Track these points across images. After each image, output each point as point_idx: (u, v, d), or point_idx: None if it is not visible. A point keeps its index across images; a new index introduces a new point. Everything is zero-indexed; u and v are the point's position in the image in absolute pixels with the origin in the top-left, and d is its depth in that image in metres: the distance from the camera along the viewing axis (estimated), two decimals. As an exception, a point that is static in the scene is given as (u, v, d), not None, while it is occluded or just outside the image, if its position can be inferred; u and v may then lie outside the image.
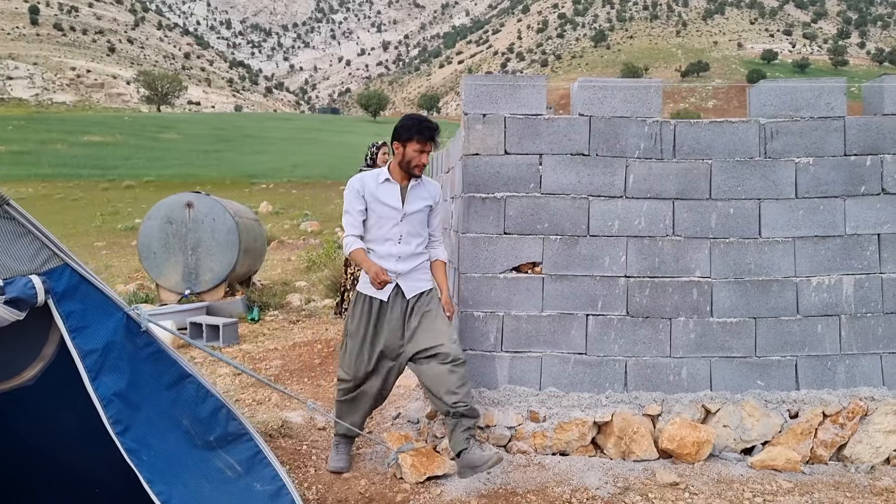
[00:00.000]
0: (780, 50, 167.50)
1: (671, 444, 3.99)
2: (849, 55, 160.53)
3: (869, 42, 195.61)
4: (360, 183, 3.81)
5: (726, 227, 4.31)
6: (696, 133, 4.31)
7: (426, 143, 3.71)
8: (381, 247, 3.79)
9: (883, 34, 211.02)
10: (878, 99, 4.36)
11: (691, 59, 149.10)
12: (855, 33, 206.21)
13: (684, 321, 4.29)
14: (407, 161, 3.74)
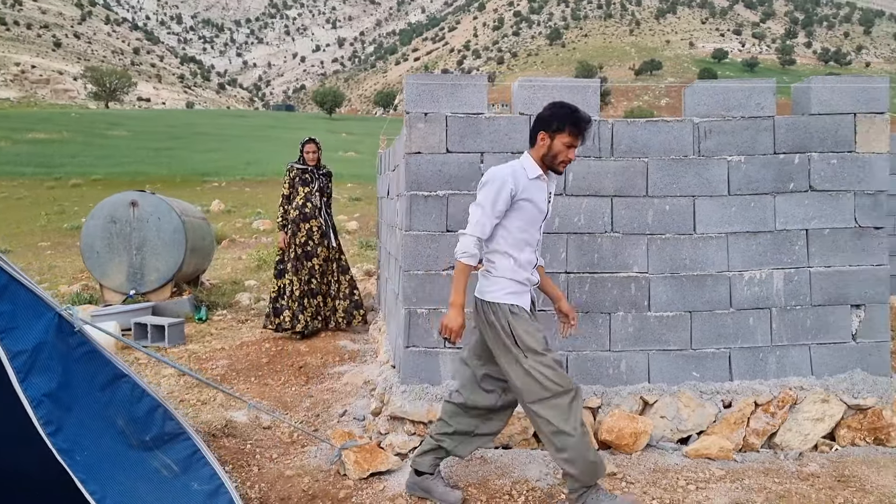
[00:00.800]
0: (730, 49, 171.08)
1: (610, 435, 4.09)
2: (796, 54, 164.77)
3: (815, 42, 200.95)
4: (512, 176, 3.22)
5: (663, 223, 4.43)
6: (633, 132, 4.42)
7: (577, 137, 3.22)
8: (521, 254, 3.29)
9: (828, 34, 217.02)
10: (806, 99, 4.53)
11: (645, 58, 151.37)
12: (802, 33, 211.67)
13: (623, 315, 4.40)
14: (553, 155, 3.25)
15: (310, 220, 6.98)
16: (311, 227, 6.98)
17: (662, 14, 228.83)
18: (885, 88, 4.53)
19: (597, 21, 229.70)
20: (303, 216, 6.97)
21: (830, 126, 4.49)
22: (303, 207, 6.98)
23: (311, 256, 6.98)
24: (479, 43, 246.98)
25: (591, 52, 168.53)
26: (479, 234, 3.20)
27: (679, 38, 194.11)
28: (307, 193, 7.04)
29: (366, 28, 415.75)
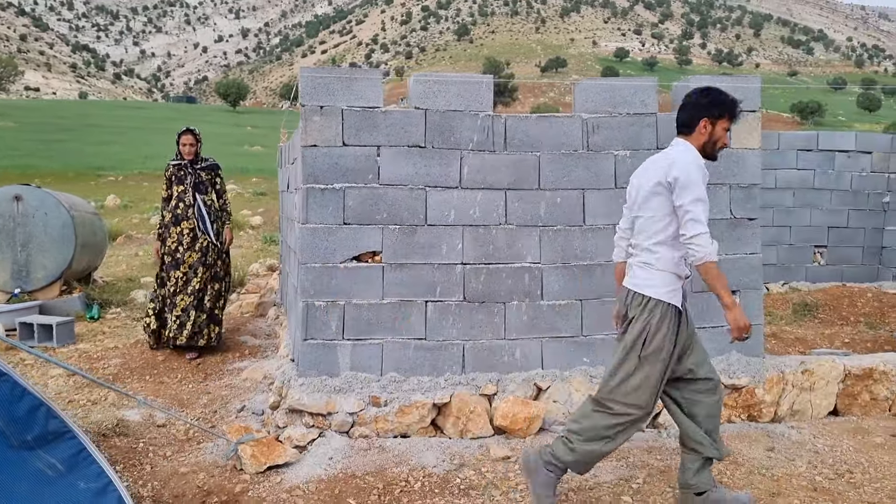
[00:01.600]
0: (631, 48, 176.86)
1: (505, 420, 4.23)
2: (692, 55, 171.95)
3: (710, 43, 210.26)
4: (700, 166, 3.14)
5: (554, 215, 4.60)
6: (525, 127, 4.56)
7: (731, 121, 3.23)
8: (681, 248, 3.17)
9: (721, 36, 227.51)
10: (686, 97, 4.78)
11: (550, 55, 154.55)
12: (697, 34, 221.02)
13: (517, 305, 4.54)
14: (714, 141, 3.21)
15: (181, 223, 6.06)
16: (181, 231, 6.04)
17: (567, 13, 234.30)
18: (757, 88, 4.84)
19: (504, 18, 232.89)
20: (174, 219, 6.08)
21: (708, 123, 4.76)
22: (175, 209, 6.10)
23: (179, 264, 6.02)
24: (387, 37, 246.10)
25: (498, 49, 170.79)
26: (707, 229, 3.04)
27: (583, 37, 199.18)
28: (180, 192, 6.13)
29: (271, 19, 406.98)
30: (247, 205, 19.97)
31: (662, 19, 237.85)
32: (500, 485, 3.61)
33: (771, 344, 6.19)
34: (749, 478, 3.73)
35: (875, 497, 3.50)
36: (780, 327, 7.13)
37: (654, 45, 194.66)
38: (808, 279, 9.61)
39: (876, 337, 6.70)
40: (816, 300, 8.11)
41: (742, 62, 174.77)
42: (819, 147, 9.61)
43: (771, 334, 6.63)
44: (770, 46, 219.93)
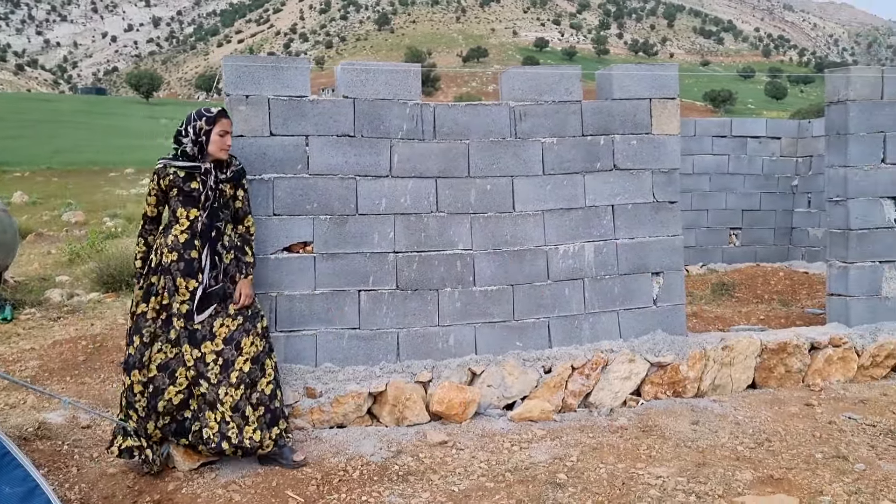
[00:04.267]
0: (550, 38, 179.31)
1: (441, 406, 4.27)
2: (610, 45, 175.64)
3: (626, 33, 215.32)
4: None
5: (484, 202, 4.65)
6: (454, 115, 4.60)
7: None
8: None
9: (637, 26, 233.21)
10: (608, 85, 4.91)
11: (471, 45, 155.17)
12: (614, 25, 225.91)
13: (450, 291, 4.58)
14: None
15: (186, 276, 3.68)
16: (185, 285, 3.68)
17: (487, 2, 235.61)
18: (675, 76, 5.01)
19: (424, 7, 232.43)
20: (180, 264, 3.67)
21: (630, 110, 4.91)
22: (178, 246, 3.67)
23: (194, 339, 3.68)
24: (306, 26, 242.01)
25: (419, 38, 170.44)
26: None
27: (503, 27, 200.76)
28: (192, 220, 3.71)
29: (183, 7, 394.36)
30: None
31: (580, 9, 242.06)
32: (438, 469, 3.65)
33: (692, 323, 6.43)
34: (676, 450, 3.88)
35: (792, 462, 3.70)
36: (700, 307, 7.41)
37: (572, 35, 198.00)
38: (724, 260, 10.01)
39: (789, 313, 7.05)
40: (733, 280, 8.47)
41: (657, 52, 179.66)
42: (732, 133, 10.01)
43: (692, 313, 6.89)
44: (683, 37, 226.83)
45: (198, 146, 3.74)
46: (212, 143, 3.74)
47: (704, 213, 9.95)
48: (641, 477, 3.55)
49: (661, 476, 3.54)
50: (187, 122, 3.76)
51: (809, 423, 4.26)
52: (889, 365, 5.19)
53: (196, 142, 3.74)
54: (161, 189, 3.75)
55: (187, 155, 3.73)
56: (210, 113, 3.79)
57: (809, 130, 10.09)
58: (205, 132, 3.74)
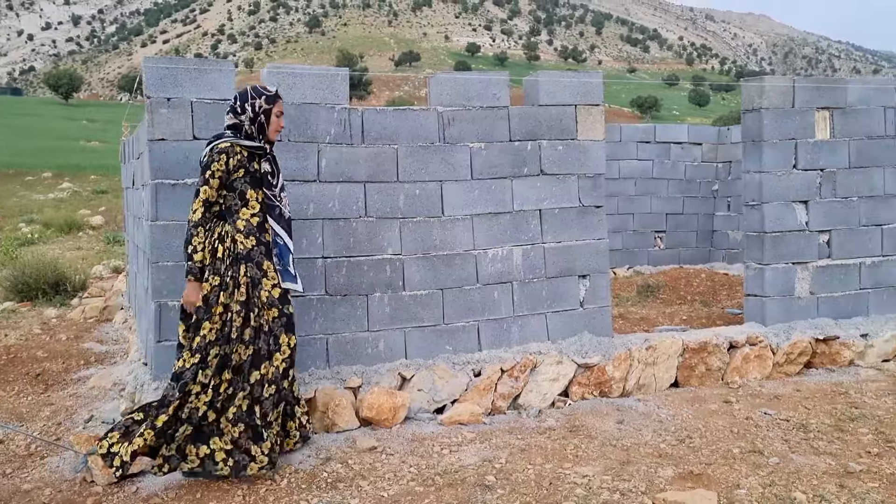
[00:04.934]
0: (482, 44, 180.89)
1: (370, 412, 4.25)
2: (540, 51, 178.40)
3: (556, 40, 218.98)
4: None
5: (414, 207, 4.66)
6: (382, 119, 4.59)
7: None
8: None
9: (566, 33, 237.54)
10: (535, 92, 4.99)
11: (404, 49, 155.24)
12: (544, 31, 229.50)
13: (380, 297, 4.57)
14: None
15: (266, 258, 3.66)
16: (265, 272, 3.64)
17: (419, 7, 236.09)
18: (599, 83, 5.13)
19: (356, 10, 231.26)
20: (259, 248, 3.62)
21: (556, 116, 5.00)
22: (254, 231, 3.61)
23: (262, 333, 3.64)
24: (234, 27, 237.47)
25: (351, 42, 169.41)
26: None
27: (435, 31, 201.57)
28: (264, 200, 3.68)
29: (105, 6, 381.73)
30: (86, 204, 18.71)
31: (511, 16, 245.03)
32: (367, 475, 3.63)
33: (619, 324, 6.58)
34: (602, 449, 3.96)
35: (711, 458, 3.83)
36: (626, 308, 7.60)
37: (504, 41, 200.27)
38: (650, 263, 10.29)
39: (710, 313, 7.29)
40: (658, 282, 8.71)
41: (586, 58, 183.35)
42: (656, 139, 10.30)
43: (618, 315, 7.06)
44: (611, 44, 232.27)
45: (257, 125, 3.63)
46: (271, 123, 3.67)
47: (630, 216, 10.21)
48: (568, 476, 3.61)
49: (587, 475, 3.61)
50: (243, 99, 3.62)
51: (728, 420, 4.42)
52: (801, 362, 5.42)
53: (255, 120, 3.62)
54: (227, 170, 3.54)
55: (247, 134, 3.61)
56: (269, 91, 3.69)
57: (728, 137, 10.48)
58: (264, 111, 3.64)
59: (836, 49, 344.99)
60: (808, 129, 5.70)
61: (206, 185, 3.52)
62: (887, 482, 3.52)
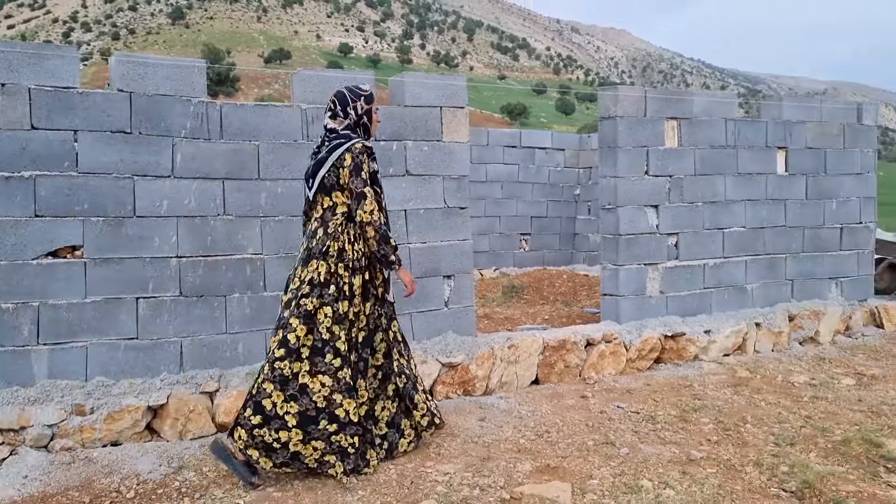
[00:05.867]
0: (355, 45, 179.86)
1: (228, 417, 4.09)
2: (413, 54, 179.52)
3: (428, 44, 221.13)
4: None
5: (276, 205, 4.54)
6: (242, 115, 4.45)
7: None
8: None
9: (439, 38, 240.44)
10: (401, 93, 5.00)
11: (274, 47, 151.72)
12: (417, 35, 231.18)
13: (239, 297, 4.42)
14: None
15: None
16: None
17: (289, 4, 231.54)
18: (463, 86, 5.21)
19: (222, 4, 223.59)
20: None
21: (422, 117, 5.02)
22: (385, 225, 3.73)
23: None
24: (89, 15, 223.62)
25: (217, 36, 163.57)
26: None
27: (307, 30, 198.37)
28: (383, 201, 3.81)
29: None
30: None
31: (384, 18, 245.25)
32: (222, 483, 3.49)
33: (484, 324, 6.71)
34: (464, 447, 4.01)
35: (567, 451, 3.96)
36: (492, 309, 7.76)
37: (377, 43, 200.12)
38: (515, 264, 10.58)
39: (570, 312, 7.57)
40: (522, 283, 8.95)
41: (458, 64, 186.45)
42: (522, 144, 10.61)
43: (484, 315, 7.19)
44: (482, 51, 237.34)
45: (361, 127, 3.72)
46: (372, 122, 3.77)
47: (497, 219, 10.45)
48: (430, 475, 3.63)
49: (448, 472, 3.64)
50: (343, 103, 3.68)
51: (584, 414, 4.59)
52: (652, 357, 5.73)
53: (359, 123, 3.70)
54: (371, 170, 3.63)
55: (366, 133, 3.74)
56: (366, 91, 3.75)
57: (589, 143, 10.94)
58: (366, 112, 3.73)
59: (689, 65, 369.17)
60: (659, 137, 6.03)
61: (366, 185, 3.57)
62: (724, 467, 3.77)
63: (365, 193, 3.55)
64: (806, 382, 5.34)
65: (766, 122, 6.58)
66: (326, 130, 3.71)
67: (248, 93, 74.99)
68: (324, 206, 3.64)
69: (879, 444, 4.03)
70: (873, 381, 5.42)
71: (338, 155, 3.56)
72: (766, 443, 4.11)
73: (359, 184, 3.55)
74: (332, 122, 3.69)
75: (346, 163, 3.55)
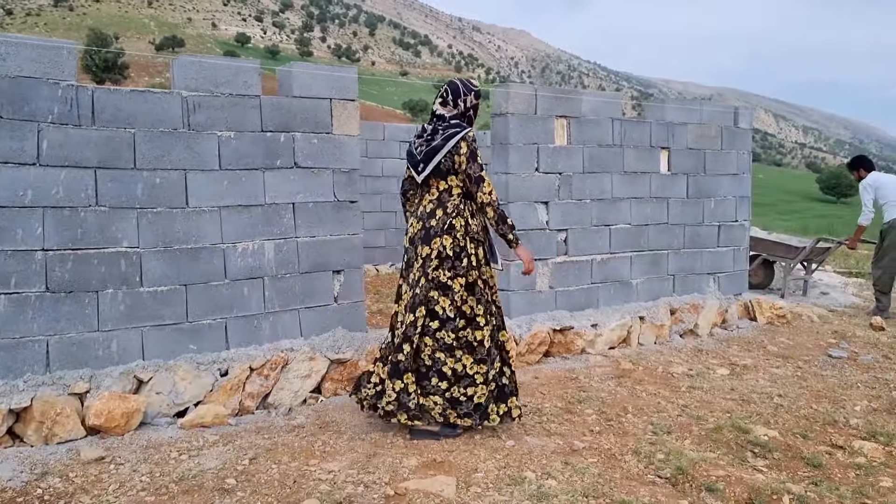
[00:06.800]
0: (252, 35, 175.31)
1: (99, 419, 3.88)
2: (314, 47, 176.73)
3: (329, 37, 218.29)
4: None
5: (154, 196, 4.34)
6: (117, 100, 4.22)
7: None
8: None
9: (340, 32, 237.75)
10: (289, 83, 4.87)
11: (166, 33, 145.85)
12: (317, 28, 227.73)
13: (113, 293, 4.20)
14: None
15: None
16: None
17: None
18: (354, 78, 5.13)
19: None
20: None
21: (311, 109, 4.92)
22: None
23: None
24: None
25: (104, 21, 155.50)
26: None
27: (202, 18, 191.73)
28: None
29: None
30: None
31: (283, 8, 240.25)
32: (90, 489, 3.30)
33: (378, 319, 6.66)
34: (350, 444, 3.95)
35: (454, 445, 3.94)
36: (386, 304, 7.70)
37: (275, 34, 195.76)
38: (411, 259, 10.54)
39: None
40: (417, 278, 8.93)
41: (360, 58, 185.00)
42: (418, 139, 10.58)
43: (378, 311, 7.14)
44: (384, 46, 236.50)
45: (467, 118, 4.09)
46: (477, 116, 4.14)
47: (394, 214, 10.40)
48: (314, 473, 3.55)
49: (332, 470, 3.58)
50: (455, 94, 4.04)
51: (472, 408, 4.62)
52: (541, 351, 5.84)
53: (465, 114, 4.08)
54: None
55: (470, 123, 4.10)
56: (476, 87, 4.14)
57: (485, 140, 11.04)
58: (473, 105, 4.11)
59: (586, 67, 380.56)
60: (549, 135, 6.15)
61: (482, 170, 3.95)
62: (605, 456, 3.87)
63: (483, 177, 3.94)
64: (684, 373, 5.57)
65: (650, 122, 6.83)
66: (435, 116, 4.07)
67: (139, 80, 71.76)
68: (440, 189, 4.00)
69: (747, 431, 4.25)
70: (745, 370, 5.72)
71: (454, 143, 3.91)
72: (645, 431, 4.26)
73: (476, 168, 3.93)
74: (442, 109, 4.06)
75: (462, 150, 3.91)
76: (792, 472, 3.77)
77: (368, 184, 10.06)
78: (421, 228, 3.99)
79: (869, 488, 3.58)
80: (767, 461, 3.89)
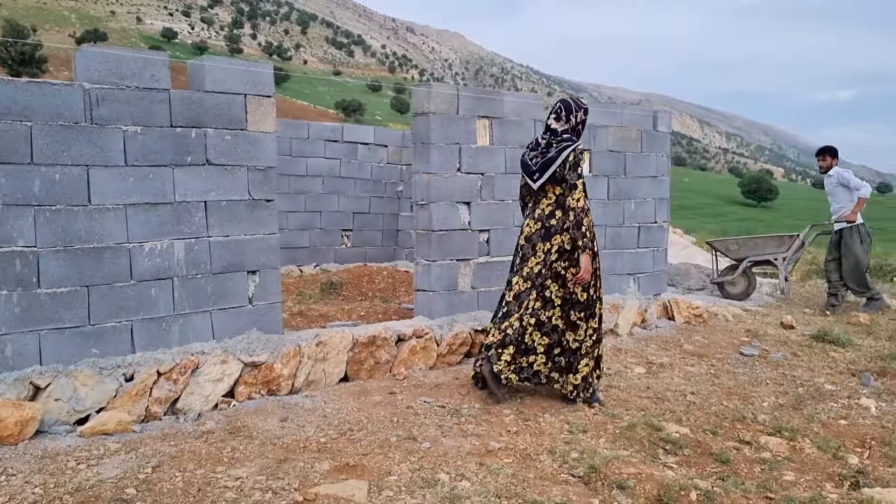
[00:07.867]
0: (180, 30, 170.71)
1: (-10, 429, 3.66)
2: (244, 44, 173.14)
3: (260, 35, 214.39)
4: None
5: (52, 193, 4.12)
6: (11, 92, 3.99)
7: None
8: None
9: (271, 29, 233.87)
10: (200, 77, 4.71)
11: (87, 27, 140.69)
12: (248, 24, 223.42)
13: (7, 295, 3.97)
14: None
15: None
16: None
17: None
18: (270, 74, 5.00)
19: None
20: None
21: (224, 104, 4.77)
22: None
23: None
24: None
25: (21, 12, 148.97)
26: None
27: (125, 11, 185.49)
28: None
29: None
30: None
31: (212, 4, 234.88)
32: (-25, 504, 3.11)
33: (298, 321, 6.53)
34: (261, 449, 3.84)
35: (368, 448, 3.90)
36: (308, 305, 7.57)
37: (204, 30, 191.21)
38: (336, 261, 10.42)
39: (387, 308, 7.55)
40: (342, 279, 8.83)
41: (291, 57, 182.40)
42: (344, 138, 10.46)
43: (299, 312, 7.00)
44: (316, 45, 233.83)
45: (576, 132, 4.69)
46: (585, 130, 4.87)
47: (318, 214, 10.24)
48: (220, 480, 3.43)
49: (240, 477, 3.46)
50: (567, 110, 4.65)
51: (390, 410, 4.56)
52: (462, 352, 5.82)
53: (575, 129, 4.68)
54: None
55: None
56: (585, 105, 4.77)
57: (411, 140, 10.99)
58: (582, 121, 4.71)
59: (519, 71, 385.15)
60: (471, 135, 6.14)
61: (580, 178, 4.50)
62: (520, 456, 3.87)
63: (577, 185, 4.47)
64: (602, 372, 5.63)
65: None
66: (549, 130, 4.66)
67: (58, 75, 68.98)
68: (556, 194, 4.63)
69: (660, 428, 4.32)
70: (661, 369, 5.83)
71: (566, 154, 4.51)
72: (561, 431, 4.28)
73: (574, 177, 4.49)
74: (556, 124, 4.65)
75: (570, 160, 4.50)
76: (701, 468, 3.85)
77: (292, 183, 9.88)
78: (540, 228, 4.65)
79: (773, 482, 3.68)
80: (678, 458, 3.96)
